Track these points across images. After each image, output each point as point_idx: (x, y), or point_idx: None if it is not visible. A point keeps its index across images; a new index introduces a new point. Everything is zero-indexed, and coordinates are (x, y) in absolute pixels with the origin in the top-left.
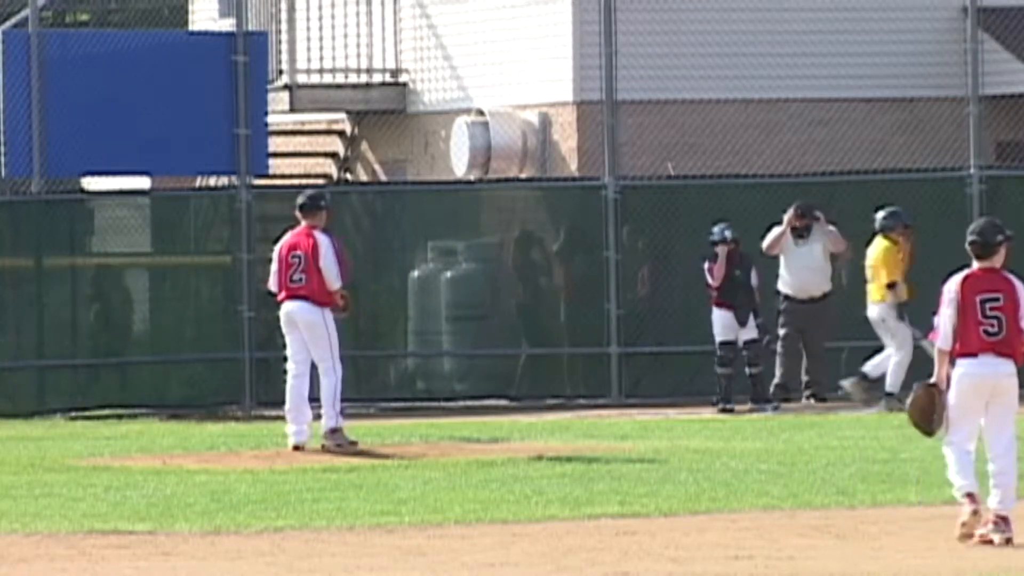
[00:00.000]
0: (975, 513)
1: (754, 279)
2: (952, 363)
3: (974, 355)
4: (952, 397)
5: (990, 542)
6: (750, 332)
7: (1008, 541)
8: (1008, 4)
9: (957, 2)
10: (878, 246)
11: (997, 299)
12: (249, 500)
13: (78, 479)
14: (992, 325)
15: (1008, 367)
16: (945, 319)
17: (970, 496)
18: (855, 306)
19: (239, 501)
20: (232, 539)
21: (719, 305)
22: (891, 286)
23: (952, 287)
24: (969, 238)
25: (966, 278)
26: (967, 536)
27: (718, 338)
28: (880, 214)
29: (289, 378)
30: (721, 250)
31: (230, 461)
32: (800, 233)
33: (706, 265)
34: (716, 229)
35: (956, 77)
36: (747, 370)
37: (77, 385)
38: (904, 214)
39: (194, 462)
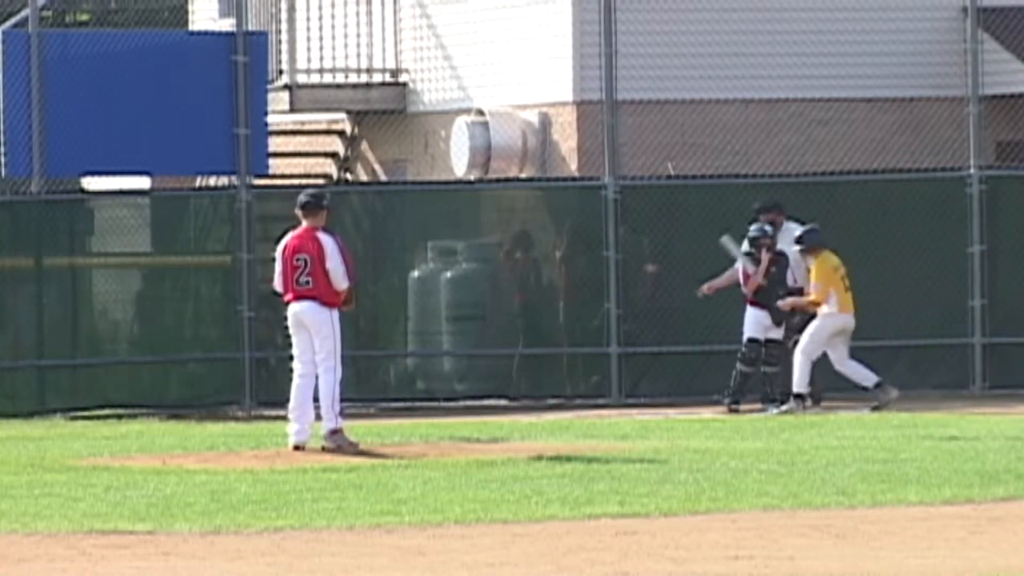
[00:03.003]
0: None
1: (790, 278)
2: None
3: None
4: None
5: None
6: (775, 332)
7: None
8: (1008, 4)
9: (957, 2)
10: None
11: None
12: (249, 500)
13: (78, 479)
14: None
15: None
16: None
17: None
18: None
19: (239, 501)
20: (232, 539)
21: (754, 304)
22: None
23: None
24: None
25: None
26: None
27: (747, 335)
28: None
29: (296, 377)
30: (766, 254)
31: (230, 461)
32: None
33: (740, 265)
34: (755, 227)
35: (956, 77)
36: (763, 368)
37: (77, 385)
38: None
39: (194, 462)
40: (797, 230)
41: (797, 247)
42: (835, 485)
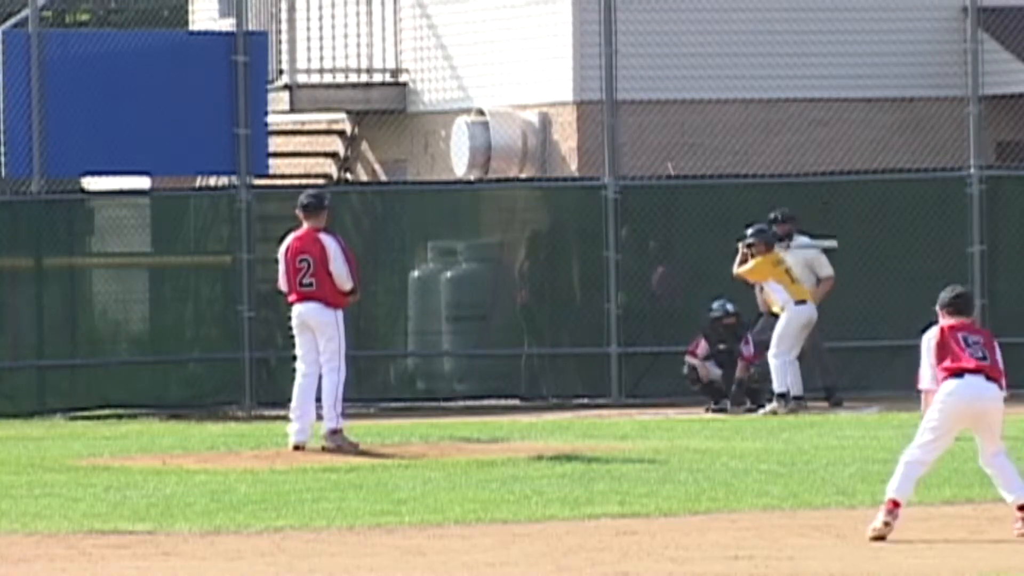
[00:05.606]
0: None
1: (747, 349)
2: None
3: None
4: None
5: None
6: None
7: None
8: (1008, 4)
9: (957, 2)
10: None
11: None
12: (249, 500)
13: (78, 479)
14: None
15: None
16: None
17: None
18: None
19: (239, 501)
20: (232, 539)
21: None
22: None
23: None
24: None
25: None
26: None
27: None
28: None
29: (298, 376)
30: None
31: (230, 461)
32: (781, 238)
33: (694, 343)
34: (716, 304)
35: (956, 77)
36: (738, 373)
37: (77, 385)
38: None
39: (194, 462)
40: (808, 243)
41: (748, 240)
42: (835, 485)
